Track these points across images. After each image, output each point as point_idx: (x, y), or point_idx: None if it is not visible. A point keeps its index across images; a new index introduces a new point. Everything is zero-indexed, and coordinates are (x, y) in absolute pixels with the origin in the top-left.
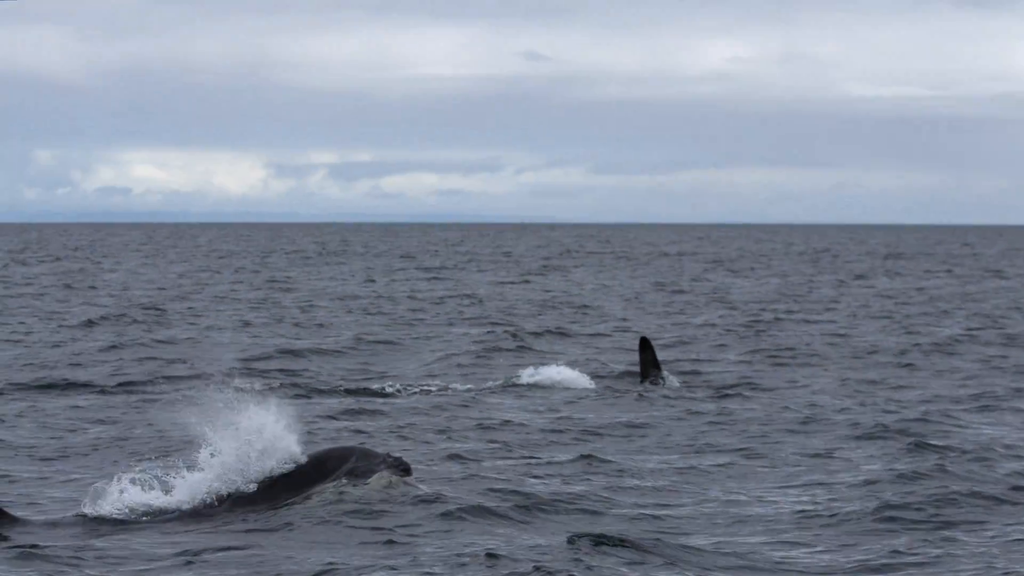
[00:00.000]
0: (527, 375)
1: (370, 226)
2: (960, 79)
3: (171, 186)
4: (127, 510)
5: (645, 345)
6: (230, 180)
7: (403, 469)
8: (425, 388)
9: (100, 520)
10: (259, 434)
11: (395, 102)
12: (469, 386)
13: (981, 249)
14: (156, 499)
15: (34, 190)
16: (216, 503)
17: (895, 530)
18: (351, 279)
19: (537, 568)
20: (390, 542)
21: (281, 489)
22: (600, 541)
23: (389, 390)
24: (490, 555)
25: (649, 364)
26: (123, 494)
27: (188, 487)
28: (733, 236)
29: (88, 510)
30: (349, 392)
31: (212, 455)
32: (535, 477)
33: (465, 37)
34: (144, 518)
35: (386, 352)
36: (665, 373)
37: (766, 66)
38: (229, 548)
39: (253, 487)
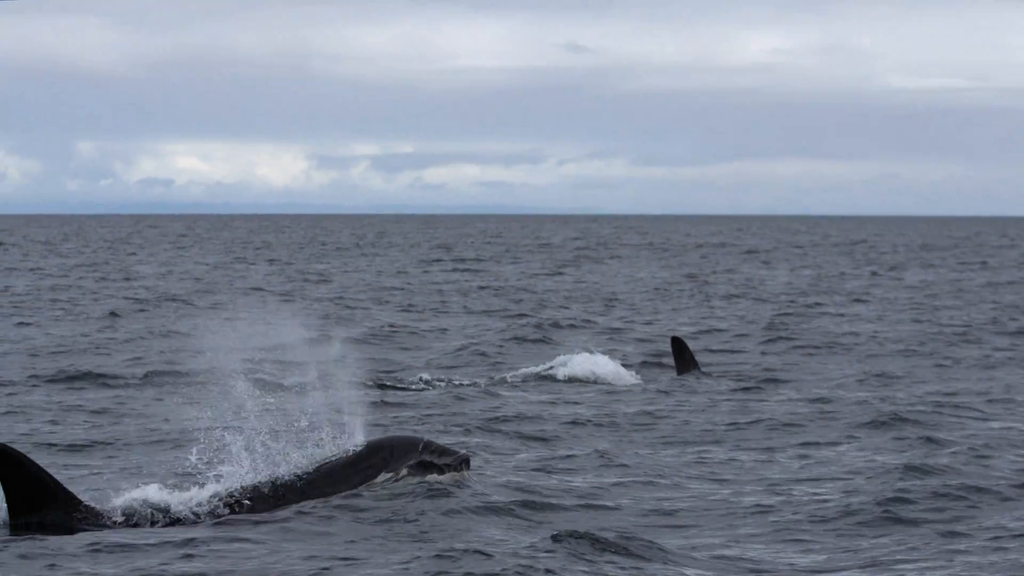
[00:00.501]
0: (556, 365)
1: (411, 217)
2: (1001, 70)
3: (214, 177)
4: (155, 504)
5: (678, 344)
6: (273, 172)
7: (466, 464)
8: (449, 380)
9: (134, 512)
10: (317, 418)
11: (437, 94)
12: (494, 376)
13: (1020, 241)
14: (187, 494)
15: (76, 182)
16: (256, 496)
17: (903, 525)
18: (385, 270)
19: (519, 571)
20: (387, 536)
21: (336, 479)
22: (585, 537)
23: (413, 382)
24: (478, 552)
25: (683, 359)
26: (151, 488)
27: (226, 479)
28: (772, 228)
29: (120, 502)
30: (375, 384)
31: (247, 447)
32: (549, 472)
33: (506, 29)
34: (175, 513)
35: (412, 343)
36: (697, 368)
37: (806, 57)
38: (243, 541)
39: (305, 476)
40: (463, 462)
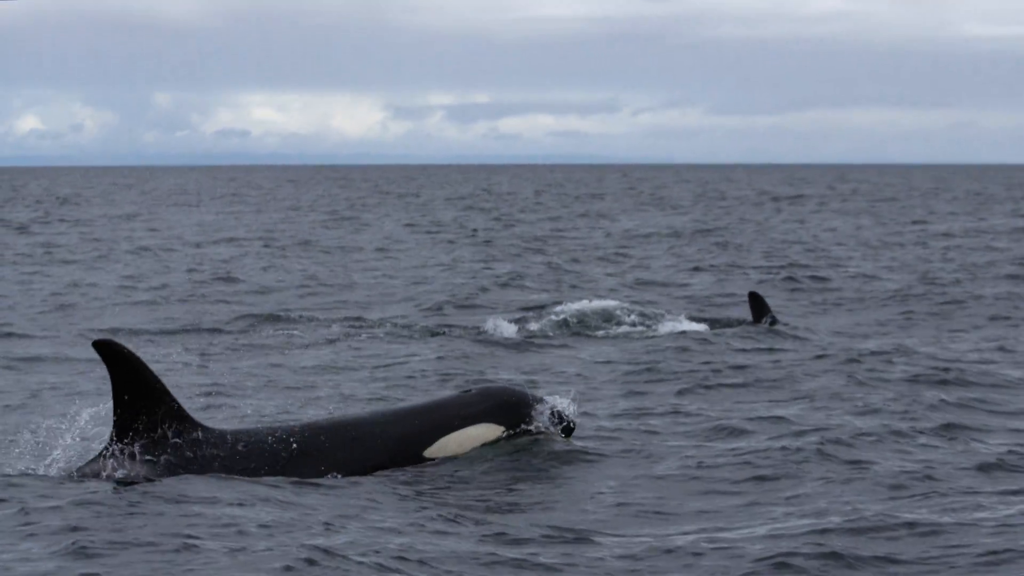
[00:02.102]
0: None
1: (485, 167)
2: None
3: (289, 128)
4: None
5: (756, 299)
6: (348, 122)
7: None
8: (481, 329)
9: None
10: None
11: (513, 43)
12: (520, 326)
13: None
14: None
15: (153, 133)
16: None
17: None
18: (422, 219)
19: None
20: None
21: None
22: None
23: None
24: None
25: (759, 313)
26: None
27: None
28: (849, 176)
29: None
30: (428, 332)
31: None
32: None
33: None
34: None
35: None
36: (770, 318)
37: (884, 5)
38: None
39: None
40: (566, 430)
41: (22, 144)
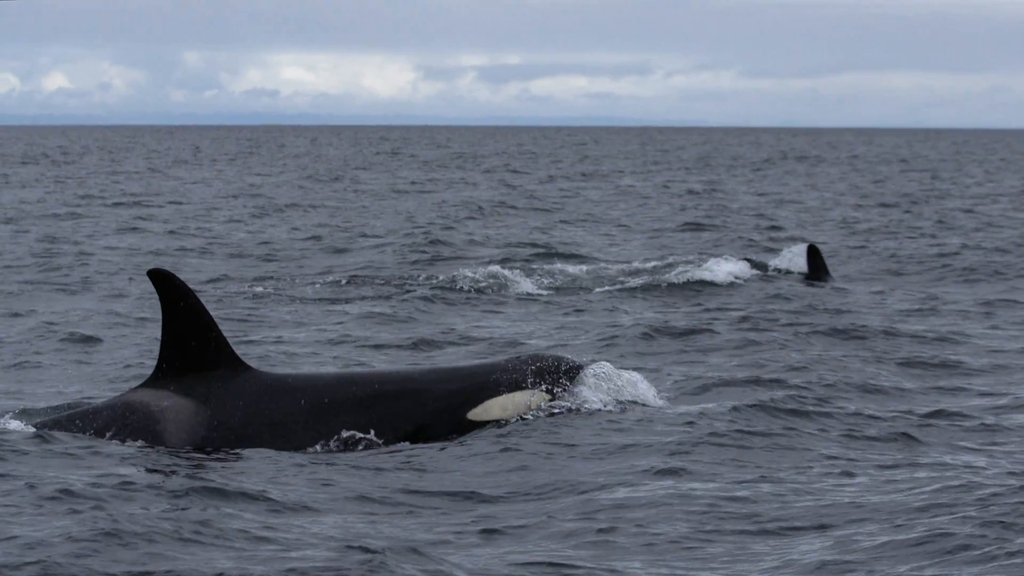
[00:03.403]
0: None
1: (515, 129)
2: None
3: (319, 88)
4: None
5: (813, 253)
6: (379, 82)
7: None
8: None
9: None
10: None
11: (545, 4)
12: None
13: None
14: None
15: (182, 92)
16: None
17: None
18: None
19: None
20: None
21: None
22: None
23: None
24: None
25: (816, 267)
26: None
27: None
28: (881, 140)
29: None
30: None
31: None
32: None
33: None
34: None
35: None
36: (829, 277)
37: None
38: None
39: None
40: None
41: (49, 103)
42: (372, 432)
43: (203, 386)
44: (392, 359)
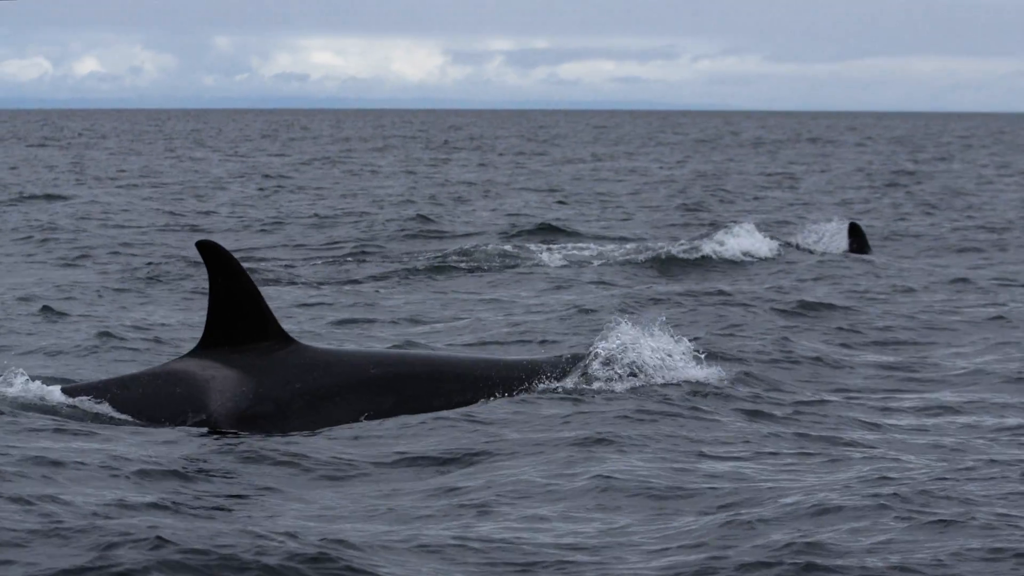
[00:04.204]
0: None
1: (541, 113)
2: None
3: (348, 72)
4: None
5: (855, 230)
6: (407, 67)
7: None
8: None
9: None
10: None
11: None
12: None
13: None
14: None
15: (212, 76)
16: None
17: None
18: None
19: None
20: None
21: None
22: None
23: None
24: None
25: (857, 244)
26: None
27: None
28: (904, 124)
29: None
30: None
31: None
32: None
33: None
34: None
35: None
36: (870, 253)
37: None
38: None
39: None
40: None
41: (81, 87)
42: (414, 411)
43: (249, 358)
44: (397, 334)
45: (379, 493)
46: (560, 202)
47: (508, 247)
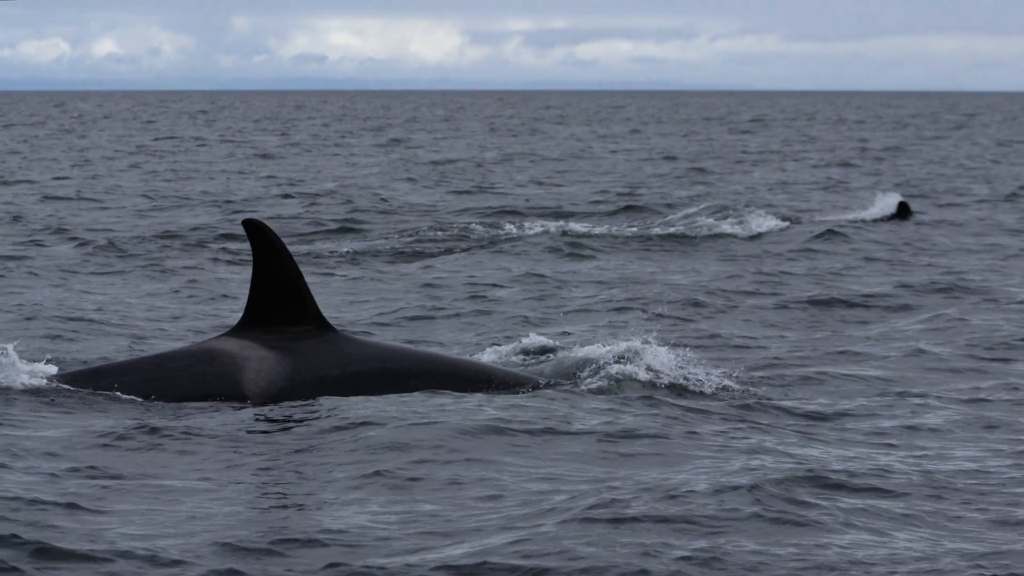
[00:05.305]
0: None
1: (561, 93)
2: None
3: (366, 53)
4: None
5: (903, 208)
6: (425, 48)
7: None
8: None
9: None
10: None
11: None
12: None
13: None
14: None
15: (230, 58)
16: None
17: None
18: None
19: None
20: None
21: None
22: None
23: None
24: None
25: (905, 223)
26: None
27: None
28: (922, 104)
29: None
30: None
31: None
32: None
33: None
34: None
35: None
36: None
37: None
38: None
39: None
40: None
41: (99, 68)
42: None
43: (287, 340)
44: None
45: (396, 482)
46: (563, 171)
47: (479, 227)
